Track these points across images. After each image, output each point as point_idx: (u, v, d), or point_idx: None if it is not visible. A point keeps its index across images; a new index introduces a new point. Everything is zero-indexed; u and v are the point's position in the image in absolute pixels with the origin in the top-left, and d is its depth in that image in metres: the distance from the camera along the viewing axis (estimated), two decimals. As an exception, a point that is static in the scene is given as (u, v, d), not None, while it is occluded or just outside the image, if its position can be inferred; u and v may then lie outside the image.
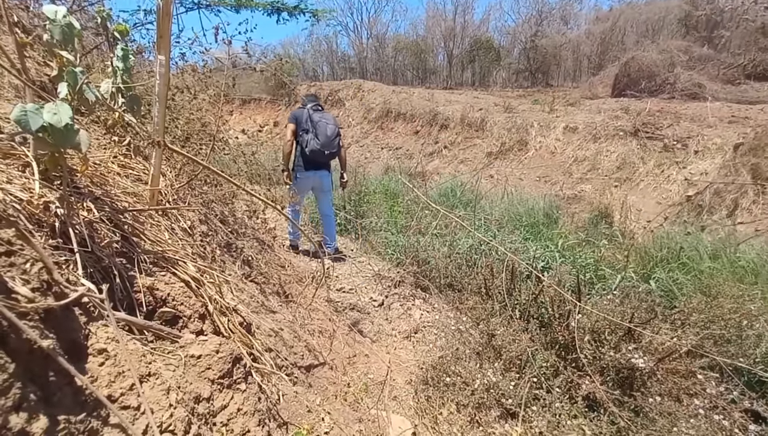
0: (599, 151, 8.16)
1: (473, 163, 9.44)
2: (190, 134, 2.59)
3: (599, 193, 7.04)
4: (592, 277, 3.66)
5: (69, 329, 0.63)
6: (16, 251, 0.60)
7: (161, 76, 1.14)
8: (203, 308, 1.01)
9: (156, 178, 1.16)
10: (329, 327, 2.60)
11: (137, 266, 0.93)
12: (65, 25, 0.89)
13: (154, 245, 1.05)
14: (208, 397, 0.76)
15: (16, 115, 0.74)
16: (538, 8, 19.46)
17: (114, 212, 0.97)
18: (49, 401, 0.58)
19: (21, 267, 0.60)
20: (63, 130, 0.76)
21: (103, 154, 1.45)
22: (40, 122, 0.74)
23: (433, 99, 12.58)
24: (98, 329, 0.67)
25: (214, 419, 0.75)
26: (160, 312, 0.92)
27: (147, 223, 1.13)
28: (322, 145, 3.68)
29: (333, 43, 22.53)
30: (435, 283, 3.76)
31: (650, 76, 10.82)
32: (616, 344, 2.30)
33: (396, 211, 5.37)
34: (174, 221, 1.40)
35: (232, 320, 1.10)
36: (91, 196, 0.94)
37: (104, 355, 0.66)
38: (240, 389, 0.83)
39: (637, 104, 9.41)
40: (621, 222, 5.59)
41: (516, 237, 4.31)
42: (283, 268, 3.01)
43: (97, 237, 0.86)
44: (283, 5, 3.87)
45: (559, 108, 10.33)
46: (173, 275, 1.01)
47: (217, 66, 3.66)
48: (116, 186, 1.16)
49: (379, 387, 2.22)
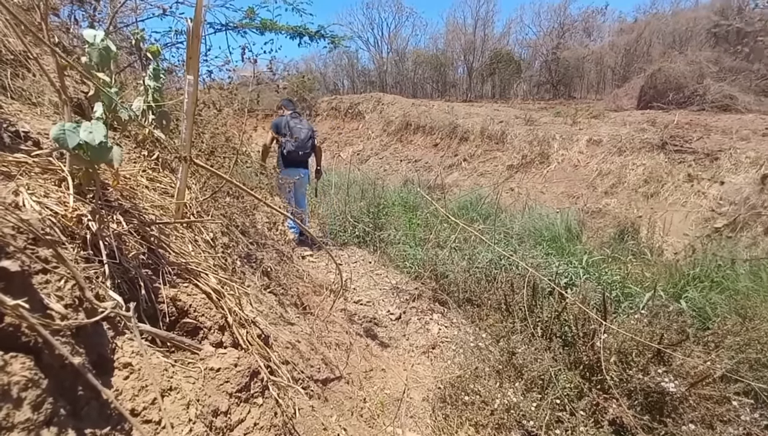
0: (625, 165, 7.93)
1: (493, 177, 9.35)
2: (215, 148, 2.67)
3: (625, 208, 6.82)
4: (619, 295, 3.52)
5: (97, 344, 0.65)
6: (51, 269, 0.63)
7: (189, 95, 1.18)
8: (223, 320, 1.03)
9: (182, 191, 1.20)
10: (346, 340, 2.59)
11: (162, 277, 0.96)
12: (103, 49, 0.94)
13: (178, 257, 1.08)
14: (226, 411, 0.77)
15: (55, 134, 0.78)
16: (559, 21, 19.35)
17: (141, 225, 1.00)
18: (77, 414, 0.60)
19: (55, 284, 0.63)
20: (97, 147, 0.80)
21: (132, 167, 1.51)
22: (76, 140, 0.79)
23: (453, 112, 12.59)
24: (124, 342, 0.70)
25: (231, 433, 0.76)
26: (182, 323, 0.94)
27: (172, 235, 1.17)
28: (297, 147, 4.45)
29: (353, 58, 23.01)
30: (453, 297, 3.71)
31: (678, 87, 10.52)
32: (644, 367, 2.19)
33: (414, 224, 5.35)
34: (197, 233, 1.44)
35: (251, 332, 1.11)
36: (121, 209, 0.98)
37: (129, 369, 0.68)
38: (257, 403, 0.83)
39: (665, 116, 9.14)
40: (648, 238, 5.38)
41: (537, 252, 4.21)
42: (301, 279, 3.04)
43: (125, 249, 0.90)
44: (305, 30, 4.02)
45: (582, 120, 10.15)
46: (195, 287, 1.03)
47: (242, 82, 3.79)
48: (144, 199, 1.20)
49: (395, 404, 2.18)
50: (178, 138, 1.75)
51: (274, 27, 3.55)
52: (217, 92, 3.19)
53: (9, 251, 0.57)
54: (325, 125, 15.67)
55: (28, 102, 1.66)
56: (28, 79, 1.75)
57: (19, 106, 1.56)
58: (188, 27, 1.13)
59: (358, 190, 6.21)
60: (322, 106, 16.44)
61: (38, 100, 1.69)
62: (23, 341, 0.55)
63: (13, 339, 0.55)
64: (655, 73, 11.22)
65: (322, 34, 3.99)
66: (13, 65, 1.73)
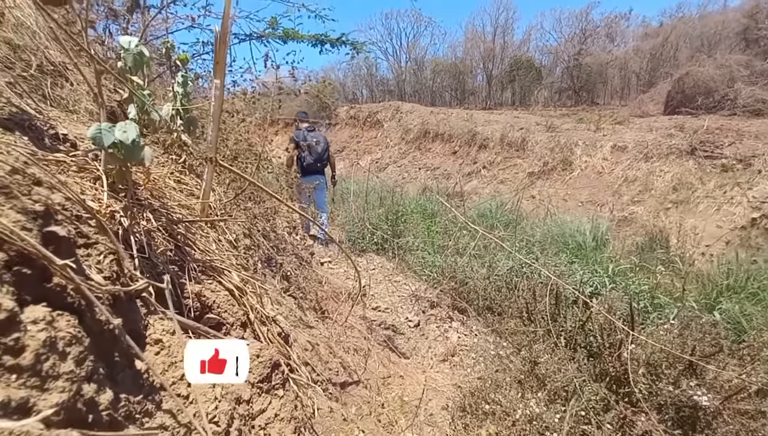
0: (651, 172, 7.68)
1: (513, 184, 9.22)
2: (238, 153, 2.74)
3: (653, 216, 6.59)
4: (647, 305, 3.39)
5: (131, 319, 0.69)
6: (91, 244, 0.67)
7: (216, 99, 1.22)
8: (245, 317, 1.05)
9: (207, 192, 1.23)
10: (364, 346, 2.58)
11: (187, 273, 0.99)
12: (137, 54, 0.99)
13: (203, 255, 1.11)
14: (248, 399, 0.78)
15: (92, 133, 0.82)
16: (581, 26, 19.11)
17: (169, 223, 1.04)
18: (113, 378, 0.64)
19: (95, 257, 0.68)
20: (131, 145, 0.83)
21: (161, 170, 1.57)
22: (111, 139, 0.83)
23: (472, 119, 12.54)
24: (156, 321, 0.73)
25: (252, 421, 0.77)
26: (206, 318, 0.96)
27: (198, 233, 1.20)
28: (315, 160, 5.06)
29: (372, 68, 23.28)
30: (473, 305, 3.65)
31: (707, 92, 10.16)
32: (675, 379, 2.09)
33: (433, 232, 5.32)
34: (221, 233, 1.48)
35: (271, 330, 1.12)
36: (150, 208, 1.02)
37: (160, 345, 0.72)
38: (278, 395, 0.84)
39: (694, 122, 8.83)
40: (678, 247, 5.17)
41: (560, 260, 4.10)
42: (320, 284, 3.06)
43: (154, 245, 0.93)
44: (327, 38, 4.10)
45: (606, 126, 9.91)
46: (219, 284, 1.05)
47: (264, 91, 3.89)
48: (172, 199, 1.25)
49: (413, 410, 2.15)
50: (204, 143, 1.81)
51: (296, 36, 3.64)
52: (241, 101, 3.29)
53: (58, 218, 0.62)
54: (344, 134, 15.87)
55: (66, 109, 1.75)
56: (66, 88, 1.85)
57: (58, 113, 1.65)
58: (216, 33, 1.17)
59: (376, 198, 6.23)
60: (341, 114, 16.67)
61: (75, 108, 1.78)
62: (68, 301, 0.60)
63: (59, 299, 0.59)
64: (683, 78, 10.90)
65: (344, 41, 4.06)
66: (53, 75, 1.84)
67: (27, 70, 1.60)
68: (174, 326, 0.73)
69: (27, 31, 1.73)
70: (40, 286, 0.56)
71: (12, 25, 1.67)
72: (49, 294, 0.57)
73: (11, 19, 1.68)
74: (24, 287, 0.54)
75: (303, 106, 15.47)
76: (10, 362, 0.48)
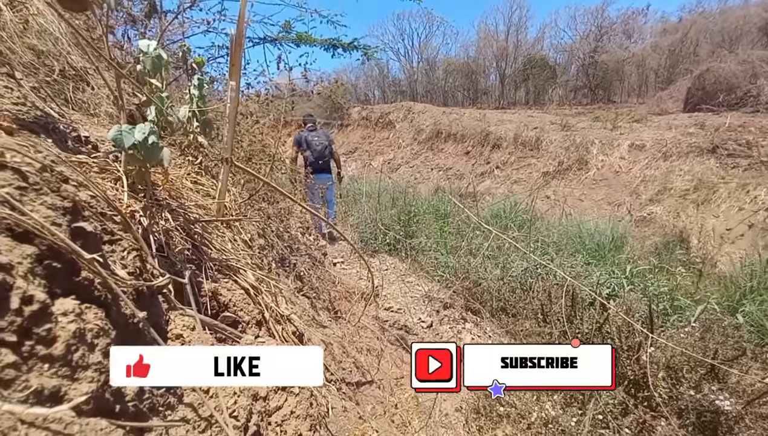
0: (671, 170, 7.49)
1: (528, 184, 9.10)
2: (252, 155, 2.78)
3: (672, 216, 6.42)
4: (667, 307, 3.30)
5: (153, 314, 0.72)
6: (116, 240, 0.69)
7: (231, 100, 1.24)
8: (260, 315, 1.06)
9: (223, 192, 1.25)
10: (377, 346, 2.58)
11: (204, 272, 1.00)
12: (155, 57, 1.02)
13: (219, 254, 1.13)
14: (265, 396, 0.79)
15: (112, 135, 0.85)
16: (597, 23, 18.76)
17: (186, 222, 1.06)
18: None
19: (120, 253, 0.70)
20: (150, 147, 0.85)
21: (178, 171, 1.60)
22: (131, 140, 0.85)
23: (485, 119, 12.43)
24: (176, 316, 0.75)
25: (269, 418, 0.78)
26: (222, 317, 0.97)
27: (214, 233, 1.22)
28: (316, 158, 5.25)
29: (384, 69, 23.31)
30: (487, 306, 3.61)
31: (729, 88, 9.86)
32: (696, 383, 2.03)
33: (446, 232, 5.29)
34: (236, 233, 1.50)
35: (286, 328, 1.13)
36: (169, 208, 1.04)
37: (180, 340, 0.74)
38: (293, 393, 0.85)
39: (715, 119, 8.57)
40: (699, 248, 5.02)
41: (576, 261, 4.03)
42: (333, 284, 3.07)
43: (172, 244, 0.95)
44: (339, 42, 4.14)
45: (623, 125, 9.71)
46: (234, 283, 1.07)
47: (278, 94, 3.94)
48: (188, 199, 1.27)
49: (427, 411, 2.14)
50: (219, 144, 1.84)
51: (309, 40, 3.68)
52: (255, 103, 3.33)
53: (85, 214, 0.64)
54: (356, 135, 15.91)
55: (87, 112, 1.80)
56: (87, 92, 1.90)
57: (80, 116, 1.69)
58: (231, 36, 1.19)
59: (388, 199, 6.22)
60: (353, 116, 16.73)
61: (95, 111, 1.83)
62: (95, 295, 0.63)
63: (87, 292, 0.62)
64: (704, 74, 10.60)
65: (355, 46, 4.09)
66: (75, 80, 1.89)
67: (50, 75, 1.65)
68: (194, 323, 0.74)
69: (50, 38, 1.78)
70: (69, 279, 0.58)
71: (36, 32, 1.73)
72: (78, 287, 0.59)
73: (35, 26, 1.74)
74: (54, 280, 0.56)
75: (315, 108, 15.60)
76: (42, 352, 0.51)
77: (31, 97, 1.33)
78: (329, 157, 5.43)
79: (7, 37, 1.55)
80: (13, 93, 1.24)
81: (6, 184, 0.55)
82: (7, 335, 0.47)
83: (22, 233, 0.53)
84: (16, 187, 0.56)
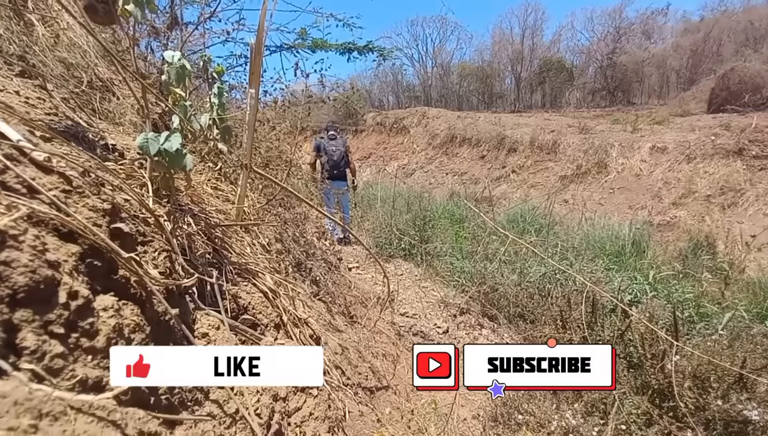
0: (695, 173, 7.26)
1: (545, 188, 8.96)
2: (270, 160, 2.82)
3: (697, 220, 6.21)
4: (692, 314, 3.18)
5: (182, 312, 0.75)
6: (148, 242, 0.72)
7: (251, 107, 1.27)
8: (278, 318, 1.08)
9: (242, 197, 1.28)
10: (393, 351, 2.57)
11: (224, 275, 1.03)
12: (179, 67, 1.05)
13: (239, 258, 1.15)
14: (285, 397, 0.80)
15: (139, 142, 0.88)
16: (615, 24, 18.42)
17: (208, 227, 1.08)
18: None
19: (151, 254, 0.74)
20: (174, 154, 0.88)
21: (199, 177, 1.65)
22: (157, 147, 0.88)
23: (500, 123, 12.33)
24: (202, 316, 0.78)
25: (289, 419, 0.79)
26: (242, 319, 0.99)
27: (233, 237, 1.25)
28: (331, 167, 5.43)
29: (398, 75, 23.40)
30: (504, 312, 3.56)
31: (755, 88, 9.52)
32: (724, 393, 1.95)
33: (461, 237, 5.25)
34: (255, 237, 1.52)
35: (303, 332, 1.15)
36: (191, 212, 1.07)
37: (206, 339, 0.77)
38: (312, 394, 0.86)
39: (740, 120, 8.29)
40: (726, 253, 4.84)
41: (597, 266, 3.94)
42: (348, 289, 3.08)
43: (194, 247, 0.97)
44: (354, 45, 4.18)
45: (643, 127, 9.48)
46: (254, 286, 1.09)
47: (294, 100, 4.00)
48: (209, 204, 1.30)
49: (444, 418, 2.11)
50: (239, 150, 1.88)
51: (325, 45, 3.74)
52: (272, 111, 3.39)
53: (122, 216, 0.67)
54: (371, 140, 15.99)
55: (113, 122, 1.87)
56: (113, 102, 1.97)
57: (106, 125, 1.76)
58: (251, 45, 1.22)
59: (403, 204, 6.23)
60: (368, 121, 16.82)
61: (120, 120, 1.90)
62: (131, 292, 0.66)
63: (124, 289, 0.65)
64: (728, 74, 10.27)
65: (371, 48, 4.13)
66: (101, 91, 1.97)
67: (79, 86, 1.72)
68: (218, 322, 0.76)
69: (79, 51, 1.86)
70: (108, 277, 0.62)
71: (66, 45, 1.81)
72: (116, 285, 0.63)
73: (65, 40, 1.82)
74: (95, 278, 0.60)
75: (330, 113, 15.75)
76: (86, 344, 0.54)
77: (62, 107, 1.39)
78: (345, 166, 5.58)
79: (39, 51, 1.62)
80: (45, 103, 1.30)
81: (53, 187, 0.58)
82: (55, 327, 0.50)
83: (67, 232, 0.56)
84: (62, 191, 0.59)
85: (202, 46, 3.04)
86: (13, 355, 0.47)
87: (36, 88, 1.37)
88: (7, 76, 1.33)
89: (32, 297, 0.49)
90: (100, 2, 1.01)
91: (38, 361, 0.48)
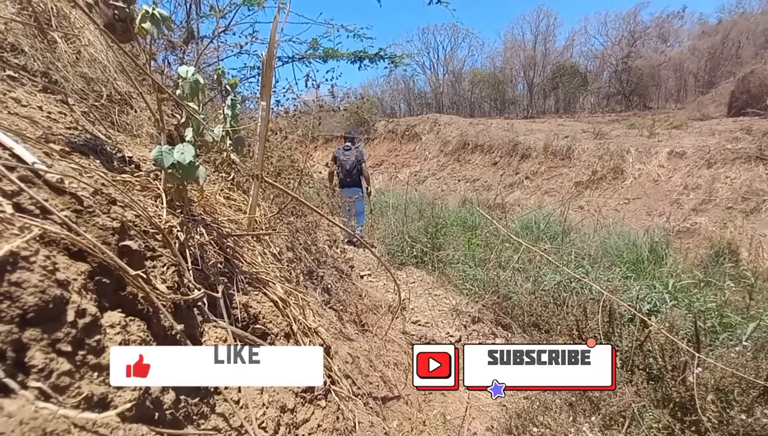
0: (715, 178, 7.05)
1: (559, 194, 8.83)
2: (281, 170, 2.86)
3: (719, 227, 6.02)
4: (714, 324, 3.07)
5: (189, 326, 0.76)
6: (157, 257, 0.74)
7: (263, 119, 1.29)
8: (288, 328, 1.08)
9: (254, 207, 1.30)
10: (404, 360, 2.55)
11: (235, 284, 1.04)
12: (193, 82, 1.08)
13: (250, 267, 1.16)
14: (293, 408, 0.80)
15: (154, 155, 0.90)
16: (629, 28, 18.22)
17: (220, 237, 1.10)
18: None
19: (160, 269, 0.75)
20: (187, 166, 0.91)
21: (212, 188, 1.68)
22: (171, 160, 0.90)
23: (513, 129, 12.24)
24: (210, 329, 0.79)
25: (297, 430, 0.79)
26: (252, 329, 1.00)
27: (245, 247, 1.26)
28: (344, 176, 5.72)
29: (410, 82, 23.52)
30: (517, 321, 3.49)
31: (777, 90, 9.25)
32: (748, 406, 1.87)
33: (474, 244, 5.20)
34: (266, 246, 1.54)
35: (313, 341, 1.15)
36: (203, 223, 1.09)
37: None
38: (320, 406, 0.86)
39: (762, 123, 8.05)
40: (750, 260, 4.67)
41: (614, 274, 3.84)
42: (359, 297, 3.07)
43: (206, 257, 0.99)
44: (365, 53, 4.22)
45: (660, 131, 9.28)
46: (264, 295, 1.10)
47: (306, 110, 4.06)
48: (221, 214, 1.32)
49: (456, 430, 2.08)
50: (251, 161, 1.91)
51: (336, 55, 3.79)
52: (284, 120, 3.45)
53: (130, 233, 0.69)
54: (383, 148, 16.06)
55: (130, 134, 1.93)
56: (131, 115, 2.04)
57: (124, 138, 1.81)
58: (262, 58, 1.25)
59: (415, 211, 6.21)
60: (379, 129, 16.92)
61: (137, 133, 1.95)
62: (138, 308, 0.67)
63: (131, 305, 0.67)
64: (748, 76, 10.03)
65: (382, 56, 4.16)
66: (120, 104, 2.03)
67: (98, 100, 1.78)
68: (226, 335, 0.77)
69: (99, 66, 1.93)
70: (116, 294, 0.63)
71: (87, 60, 1.88)
72: (124, 301, 0.64)
73: (86, 56, 1.89)
74: (103, 295, 0.61)
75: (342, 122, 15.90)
76: (93, 361, 0.55)
77: (82, 121, 1.44)
78: (357, 175, 5.79)
79: (62, 66, 1.69)
80: (66, 118, 1.35)
81: (65, 207, 0.61)
82: (63, 345, 0.51)
83: (77, 251, 0.58)
84: (73, 211, 0.61)
85: (216, 59, 3.12)
86: (22, 373, 0.48)
87: (58, 103, 1.42)
88: (31, 91, 1.38)
89: (41, 316, 0.50)
90: (118, 21, 1.05)
91: (45, 379, 0.49)
